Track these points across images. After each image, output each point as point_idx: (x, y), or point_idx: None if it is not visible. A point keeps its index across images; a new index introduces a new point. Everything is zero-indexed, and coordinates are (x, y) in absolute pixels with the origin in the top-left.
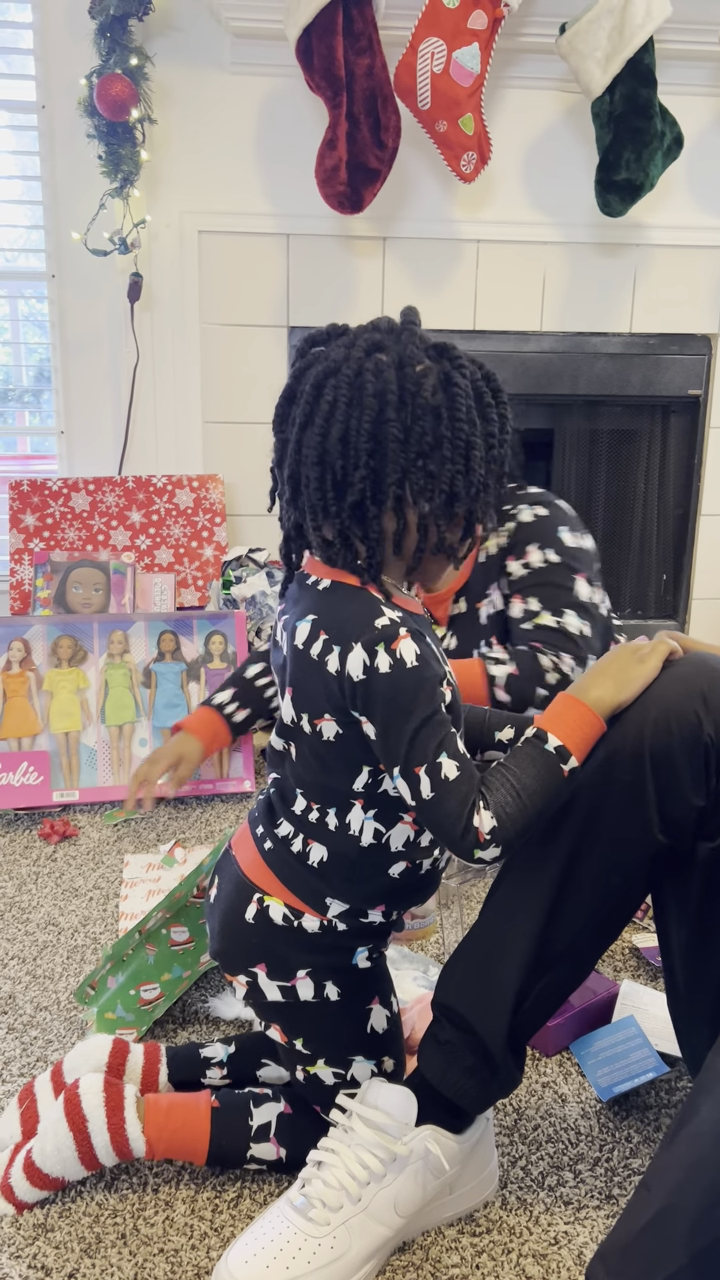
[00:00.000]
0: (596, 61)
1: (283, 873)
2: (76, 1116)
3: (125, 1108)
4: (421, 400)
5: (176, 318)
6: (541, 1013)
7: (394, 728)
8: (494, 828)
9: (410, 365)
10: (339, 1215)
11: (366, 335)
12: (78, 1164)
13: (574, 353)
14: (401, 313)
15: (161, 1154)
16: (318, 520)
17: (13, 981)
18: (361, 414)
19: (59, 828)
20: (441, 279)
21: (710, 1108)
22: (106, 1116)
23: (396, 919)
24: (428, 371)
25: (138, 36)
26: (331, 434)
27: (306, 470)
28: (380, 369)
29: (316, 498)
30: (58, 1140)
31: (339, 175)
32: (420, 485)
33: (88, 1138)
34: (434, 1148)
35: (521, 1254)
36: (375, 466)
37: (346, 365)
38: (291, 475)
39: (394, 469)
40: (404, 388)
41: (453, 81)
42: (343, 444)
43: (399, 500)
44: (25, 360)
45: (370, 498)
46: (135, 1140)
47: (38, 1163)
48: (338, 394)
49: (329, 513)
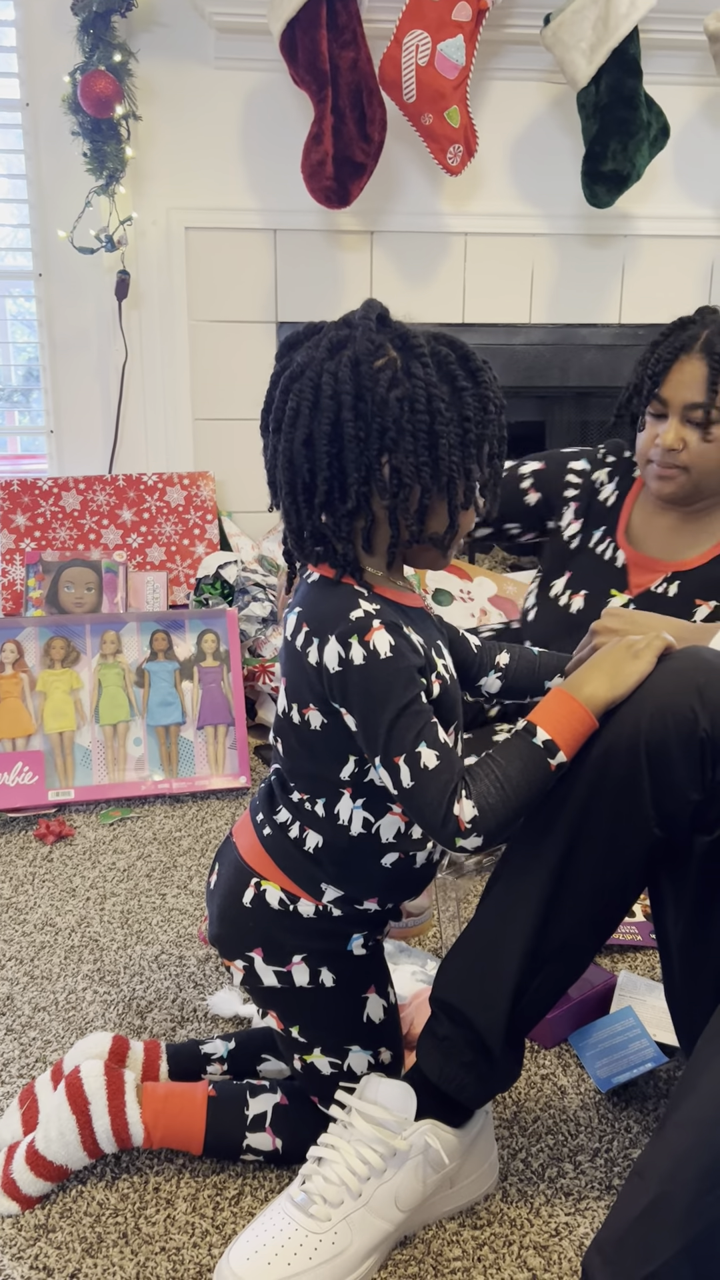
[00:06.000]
0: (581, 52)
1: (280, 858)
2: (79, 1099)
3: (126, 1092)
4: (379, 395)
5: (165, 315)
6: (539, 1007)
7: (371, 718)
8: (475, 817)
9: (367, 361)
10: (340, 1211)
11: (332, 334)
12: (80, 1150)
13: (563, 344)
14: (361, 305)
15: (159, 1141)
16: (293, 521)
17: (10, 983)
18: (321, 416)
19: (55, 828)
20: (429, 272)
21: (699, 1096)
22: (108, 1099)
23: (392, 908)
24: (388, 364)
25: (121, 33)
26: (296, 438)
27: (280, 474)
28: (338, 369)
29: (289, 501)
30: (61, 1125)
31: (325, 170)
32: (384, 481)
33: (89, 1121)
34: (434, 1142)
35: (523, 1246)
36: (338, 468)
37: (310, 368)
38: (270, 480)
39: (356, 468)
40: (360, 385)
41: (438, 74)
42: (307, 448)
43: (364, 498)
44: (14, 359)
45: (337, 498)
46: (134, 1125)
47: (41, 1150)
48: (301, 399)
49: (301, 513)
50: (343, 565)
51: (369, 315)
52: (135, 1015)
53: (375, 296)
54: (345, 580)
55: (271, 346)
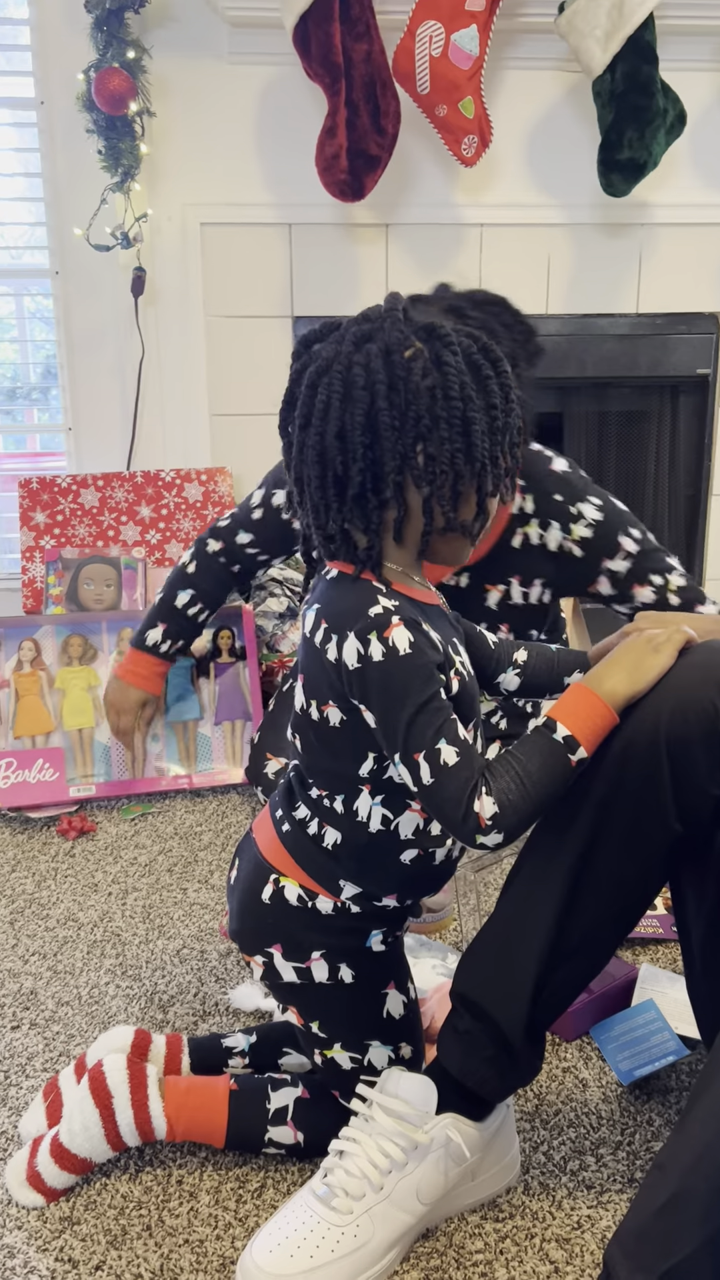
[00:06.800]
0: (596, 40)
1: (298, 854)
2: (102, 1093)
3: (148, 1085)
4: (412, 384)
5: (181, 311)
6: (560, 1001)
7: (390, 715)
8: (495, 814)
9: (398, 351)
10: (362, 1204)
11: (355, 328)
12: (104, 1143)
13: (581, 335)
14: (385, 299)
15: (181, 1135)
16: (320, 518)
17: (34, 977)
18: (354, 408)
19: (77, 824)
20: (445, 264)
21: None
22: (130, 1093)
23: (411, 904)
24: (417, 355)
25: (134, 29)
26: (328, 432)
27: (308, 470)
28: (369, 360)
29: (318, 496)
30: (84, 1118)
31: (339, 163)
32: (420, 469)
33: (112, 1114)
34: (455, 1135)
35: (545, 1239)
36: (373, 458)
37: (337, 362)
38: (297, 477)
39: (391, 457)
40: (393, 375)
41: (451, 64)
42: (340, 440)
43: (399, 488)
44: (32, 357)
45: (370, 489)
46: (157, 1119)
47: (65, 1143)
48: (331, 392)
49: (330, 509)
50: (363, 561)
51: (396, 307)
52: (157, 1009)
53: (391, 289)
54: (364, 577)
55: (287, 341)
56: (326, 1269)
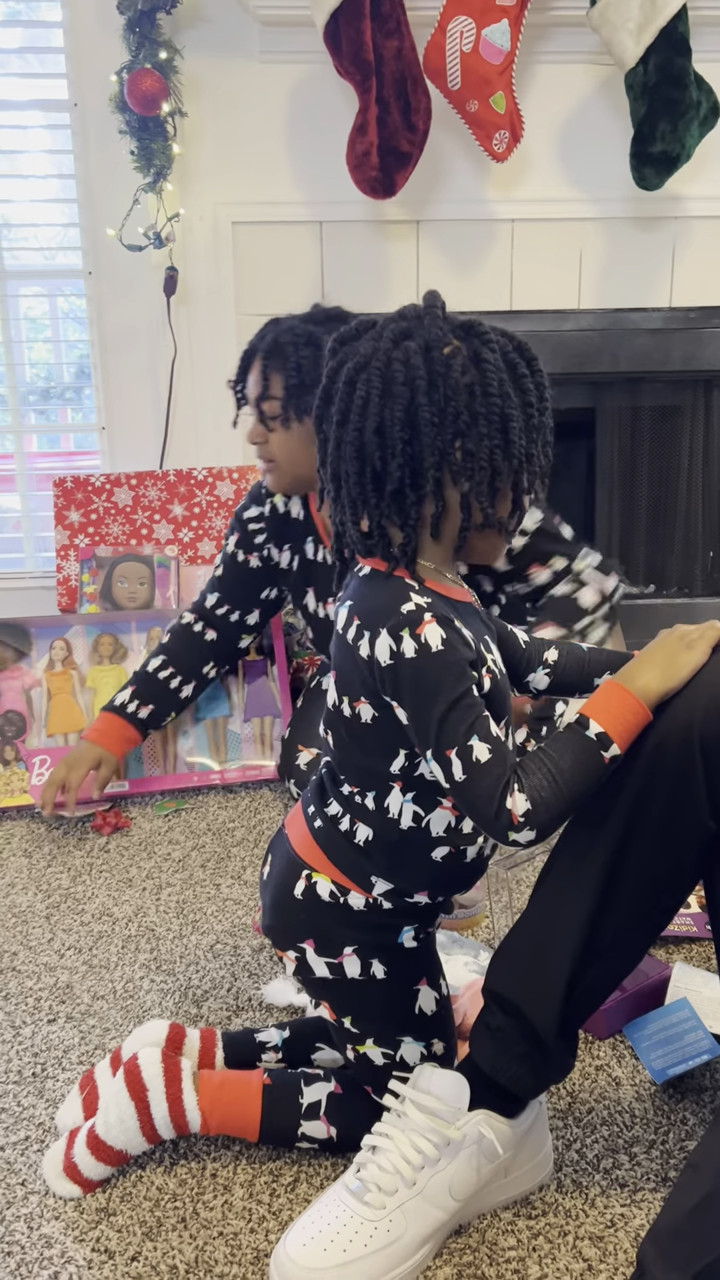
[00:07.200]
0: (629, 32)
1: (330, 850)
2: (137, 1086)
3: (183, 1079)
4: (452, 381)
5: (213, 310)
6: (593, 999)
7: (422, 711)
8: (528, 810)
9: (438, 348)
10: (394, 1199)
11: (393, 325)
12: (139, 1135)
13: (614, 329)
14: (424, 297)
15: (215, 1128)
16: (357, 513)
17: (69, 971)
18: (394, 403)
19: (111, 819)
20: (476, 260)
21: None
22: (165, 1086)
23: (443, 901)
24: (456, 351)
25: (166, 30)
26: (367, 427)
27: (345, 466)
28: (408, 356)
29: (356, 491)
30: (120, 1110)
31: (370, 160)
32: (459, 465)
33: (147, 1107)
34: (487, 1132)
35: (578, 1236)
36: (412, 453)
37: (376, 358)
38: (333, 473)
39: (431, 453)
40: (433, 371)
41: (482, 60)
42: (379, 435)
43: (438, 483)
44: (65, 357)
45: (409, 484)
46: (191, 1112)
47: (101, 1135)
48: (370, 387)
49: (368, 504)
50: (397, 558)
51: (434, 305)
52: (191, 1004)
53: (421, 286)
54: (397, 574)
55: None
56: (360, 1263)
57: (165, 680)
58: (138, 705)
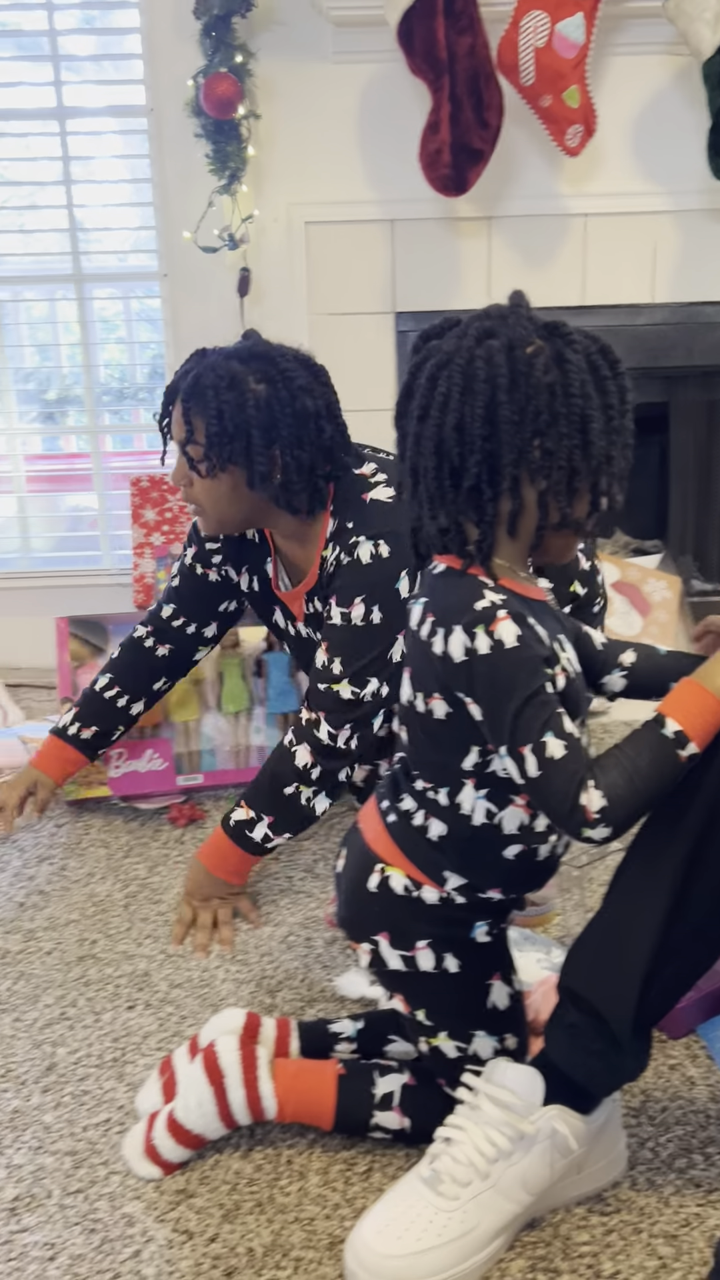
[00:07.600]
0: (706, 22)
1: (404, 845)
2: (215, 1072)
3: (259, 1067)
4: (534, 380)
5: (285, 309)
6: (668, 998)
7: (497, 708)
8: (603, 807)
9: (521, 347)
10: (468, 1190)
11: (477, 324)
12: (217, 1120)
13: (688, 323)
14: (509, 297)
15: (291, 1116)
16: (434, 509)
17: (147, 959)
18: (475, 400)
19: (186, 811)
20: (548, 255)
21: None
22: (242, 1073)
23: (516, 898)
24: (539, 351)
25: (241, 34)
26: (447, 423)
27: (424, 461)
28: (491, 354)
29: (434, 487)
30: (198, 1096)
31: (442, 158)
32: (537, 464)
33: (224, 1093)
34: (561, 1127)
35: (652, 1234)
36: (491, 450)
37: (459, 355)
38: (412, 468)
39: (509, 451)
40: (515, 370)
41: (556, 54)
42: (458, 432)
43: (515, 481)
44: (139, 358)
45: (486, 481)
46: (268, 1099)
47: (180, 1119)
48: (451, 384)
49: (445, 500)
50: (472, 555)
51: (520, 304)
52: (265, 994)
53: (493, 282)
54: (471, 571)
55: (390, 338)
56: (434, 1252)
57: (112, 700)
58: (79, 728)
